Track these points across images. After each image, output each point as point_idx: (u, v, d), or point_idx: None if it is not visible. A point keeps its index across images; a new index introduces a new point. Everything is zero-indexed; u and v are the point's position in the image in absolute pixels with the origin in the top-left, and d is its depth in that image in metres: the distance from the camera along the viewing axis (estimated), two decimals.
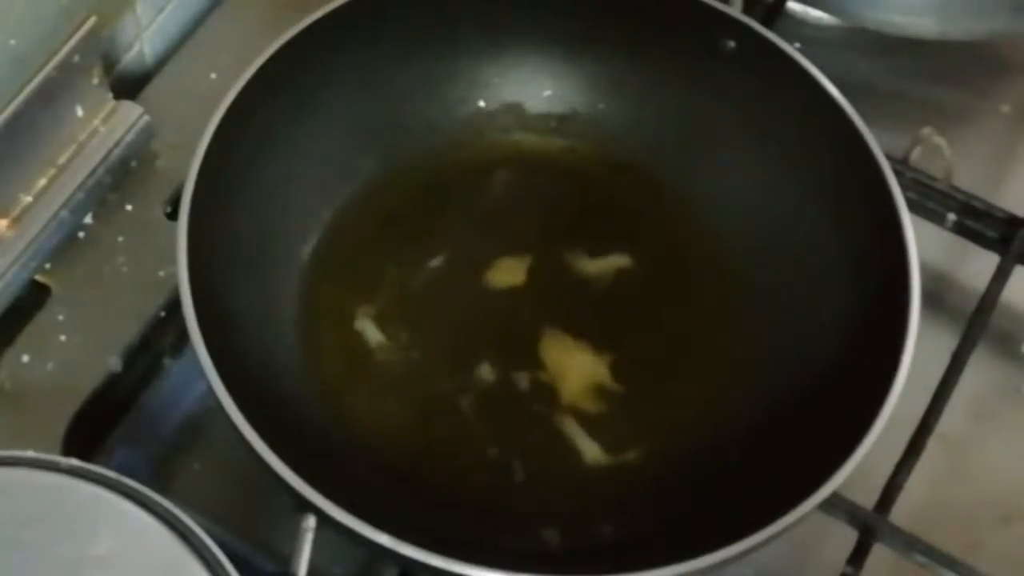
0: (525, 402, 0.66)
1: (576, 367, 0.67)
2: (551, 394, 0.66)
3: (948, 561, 0.61)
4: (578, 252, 0.70)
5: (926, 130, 0.73)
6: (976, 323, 0.67)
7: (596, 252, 0.70)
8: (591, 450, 0.65)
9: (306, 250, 0.68)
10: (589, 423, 0.65)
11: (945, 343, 0.66)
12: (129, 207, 0.70)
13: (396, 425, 0.65)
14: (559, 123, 0.73)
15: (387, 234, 0.70)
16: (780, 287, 0.67)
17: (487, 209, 0.71)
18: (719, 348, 0.68)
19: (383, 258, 0.69)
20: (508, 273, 0.70)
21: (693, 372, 0.67)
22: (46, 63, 0.64)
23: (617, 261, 0.70)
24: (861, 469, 0.56)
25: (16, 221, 0.67)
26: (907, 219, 0.62)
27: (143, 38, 0.76)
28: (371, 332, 0.67)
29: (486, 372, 0.66)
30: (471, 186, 0.72)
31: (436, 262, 0.69)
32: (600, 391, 0.66)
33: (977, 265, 0.72)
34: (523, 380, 0.66)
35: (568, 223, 0.71)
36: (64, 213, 0.68)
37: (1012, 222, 0.71)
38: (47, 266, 0.68)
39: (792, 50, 0.66)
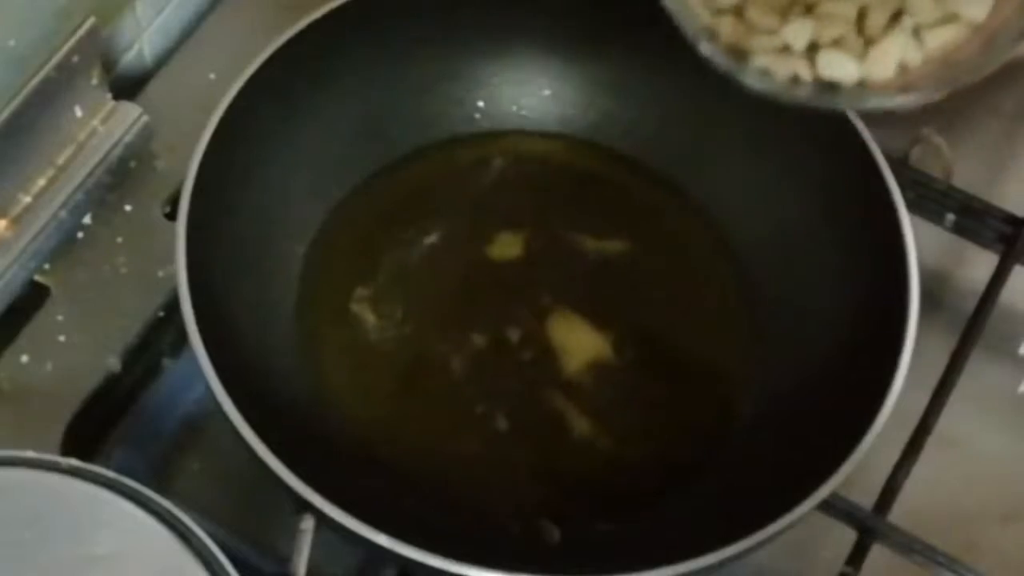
0: (525, 377, 0.66)
1: (579, 342, 0.67)
2: (552, 368, 0.66)
3: (947, 561, 0.60)
4: (577, 231, 0.70)
5: (925, 129, 0.72)
6: (975, 323, 0.66)
7: (595, 233, 0.70)
8: (583, 427, 0.65)
9: (303, 246, 0.68)
10: (586, 401, 0.66)
11: (944, 343, 0.66)
12: (128, 207, 0.70)
13: (395, 421, 0.65)
14: (559, 123, 0.73)
15: (385, 227, 0.70)
16: (778, 285, 0.67)
17: (484, 195, 0.71)
18: (717, 346, 0.68)
19: (380, 249, 0.69)
20: (506, 246, 0.70)
21: (690, 367, 0.67)
22: (45, 63, 0.64)
23: (616, 244, 0.70)
24: (860, 469, 0.56)
25: (15, 221, 0.67)
26: (906, 219, 0.62)
27: (142, 38, 0.76)
28: (369, 320, 0.67)
29: (483, 345, 0.67)
30: (468, 179, 0.72)
31: (432, 240, 0.69)
32: (600, 369, 0.66)
33: (976, 265, 0.72)
34: (523, 354, 0.67)
35: (566, 207, 0.71)
36: (63, 213, 0.68)
37: (1012, 222, 0.71)
38: (46, 266, 0.68)
39: None
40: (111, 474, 0.52)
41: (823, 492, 0.56)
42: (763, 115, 0.68)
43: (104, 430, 0.66)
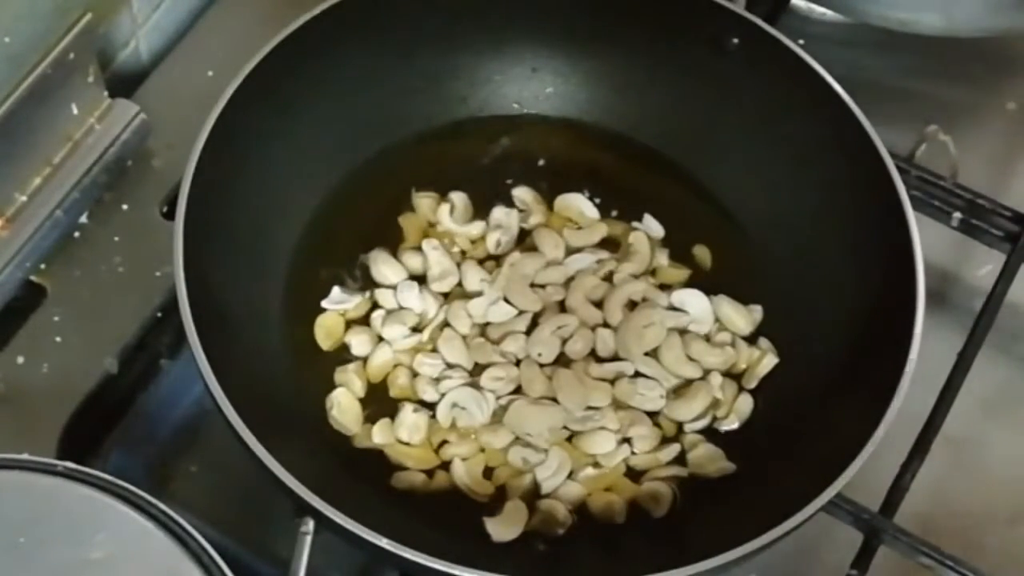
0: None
1: None
2: None
3: (953, 563, 0.60)
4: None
5: (932, 128, 0.72)
6: (982, 322, 0.66)
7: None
8: None
9: (295, 240, 0.67)
10: None
11: (951, 342, 0.66)
12: (125, 206, 0.70)
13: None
14: (561, 122, 0.72)
15: (384, 224, 0.69)
16: (785, 284, 0.67)
17: (484, 191, 0.70)
18: None
19: (377, 245, 0.68)
20: None
21: None
22: (41, 61, 0.64)
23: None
24: (866, 470, 0.56)
25: (11, 221, 0.66)
26: (912, 217, 0.62)
27: (139, 35, 0.76)
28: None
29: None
30: (468, 174, 0.71)
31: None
32: None
33: (983, 264, 0.72)
34: None
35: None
36: (59, 212, 0.67)
37: (1018, 220, 0.70)
38: (42, 266, 0.68)
39: (796, 47, 0.66)
40: (108, 477, 0.52)
41: (829, 494, 0.55)
42: (769, 115, 0.68)
43: (101, 432, 0.66)
